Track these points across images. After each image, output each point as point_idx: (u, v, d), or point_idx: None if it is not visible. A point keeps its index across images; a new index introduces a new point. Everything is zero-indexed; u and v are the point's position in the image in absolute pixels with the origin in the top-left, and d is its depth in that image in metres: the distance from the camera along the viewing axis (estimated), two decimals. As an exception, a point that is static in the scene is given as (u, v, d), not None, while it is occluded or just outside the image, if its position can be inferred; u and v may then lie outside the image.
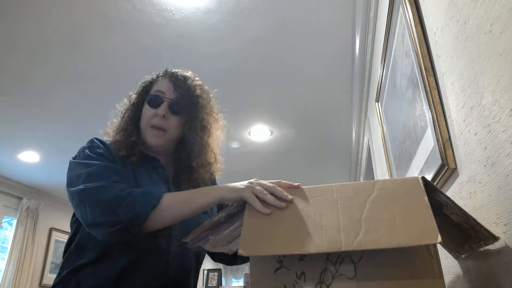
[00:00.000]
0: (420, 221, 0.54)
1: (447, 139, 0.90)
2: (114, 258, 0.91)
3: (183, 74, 1.09)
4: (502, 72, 0.59)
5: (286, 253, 0.59)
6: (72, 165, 0.95)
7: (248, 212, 0.69)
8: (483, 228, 0.62)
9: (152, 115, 1.03)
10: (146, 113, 1.05)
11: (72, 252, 0.95)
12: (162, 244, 0.96)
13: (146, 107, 1.05)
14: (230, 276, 11.95)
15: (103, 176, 0.88)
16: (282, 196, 0.69)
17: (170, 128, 1.04)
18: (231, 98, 3.04)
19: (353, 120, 3.29)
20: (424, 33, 1.05)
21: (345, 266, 0.59)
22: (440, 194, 0.61)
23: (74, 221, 0.99)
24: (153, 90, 1.07)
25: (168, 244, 0.97)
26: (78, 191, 0.86)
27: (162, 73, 1.11)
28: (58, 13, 2.16)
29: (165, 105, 1.03)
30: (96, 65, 2.61)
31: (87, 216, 0.85)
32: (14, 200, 4.83)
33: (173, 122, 1.04)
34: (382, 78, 1.74)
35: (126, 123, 1.06)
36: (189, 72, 1.12)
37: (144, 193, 0.85)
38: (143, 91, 1.10)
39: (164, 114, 1.02)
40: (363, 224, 0.57)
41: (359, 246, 0.54)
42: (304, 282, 0.60)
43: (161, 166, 1.06)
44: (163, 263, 0.96)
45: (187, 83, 1.06)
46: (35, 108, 3.11)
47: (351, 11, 2.17)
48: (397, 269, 0.57)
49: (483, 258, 0.72)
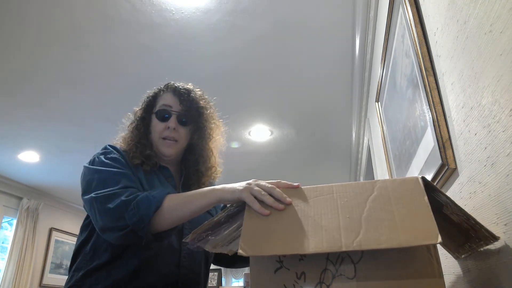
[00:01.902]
0: (420, 221, 0.54)
1: (447, 139, 0.90)
2: (128, 258, 0.96)
3: (185, 87, 1.17)
4: (502, 72, 0.59)
5: (286, 253, 0.59)
6: (86, 171, 1.01)
7: (248, 213, 0.69)
8: (483, 228, 0.62)
9: (162, 128, 1.11)
10: (156, 127, 1.12)
11: (87, 254, 0.99)
12: (173, 243, 1.02)
13: (156, 121, 1.13)
14: (230, 276, 11.95)
15: (113, 182, 0.94)
16: (280, 198, 0.70)
17: (180, 138, 1.12)
18: (231, 98, 3.04)
19: (353, 120, 3.29)
20: (424, 33, 1.05)
21: (345, 266, 0.59)
22: (440, 194, 0.61)
23: (87, 224, 1.04)
24: (159, 105, 1.15)
25: (179, 243, 1.03)
26: (90, 199, 0.93)
27: (164, 87, 1.19)
28: (58, 13, 2.16)
29: (174, 118, 1.11)
30: (96, 65, 2.61)
31: (97, 222, 0.91)
32: (14, 200, 4.83)
33: (182, 132, 1.13)
34: (382, 78, 1.74)
35: (137, 136, 1.12)
36: (189, 84, 1.20)
37: (147, 196, 0.89)
38: (149, 106, 1.17)
39: (175, 126, 1.10)
40: (363, 224, 0.57)
41: (359, 246, 0.54)
42: (304, 282, 0.60)
43: (170, 175, 1.14)
44: (174, 261, 1.01)
45: (191, 95, 1.14)
46: (35, 108, 3.11)
47: (351, 11, 2.17)
48: (397, 269, 0.57)
49: (483, 258, 0.72)
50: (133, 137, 1.13)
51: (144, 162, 1.07)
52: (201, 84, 1.24)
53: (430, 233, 0.52)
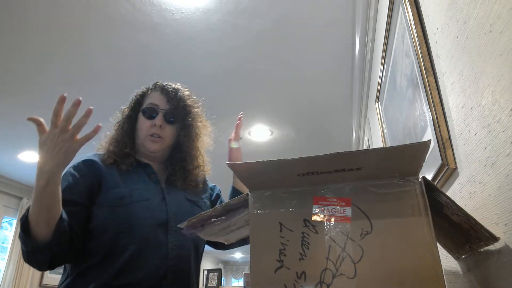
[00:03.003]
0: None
1: (447, 139, 0.90)
2: (116, 256, 0.97)
3: (173, 87, 1.18)
4: (502, 72, 0.59)
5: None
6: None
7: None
8: (483, 229, 0.62)
9: (149, 126, 1.12)
10: (143, 124, 1.14)
11: (78, 255, 1.00)
12: (159, 236, 1.02)
13: (142, 119, 1.14)
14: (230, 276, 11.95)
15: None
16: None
17: (166, 136, 1.14)
18: (231, 98, 3.04)
19: (353, 120, 3.29)
20: (424, 33, 1.05)
21: (345, 265, 0.59)
22: (440, 194, 0.61)
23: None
24: (146, 103, 1.16)
25: (165, 235, 1.03)
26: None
27: (152, 86, 1.20)
28: (59, 14, 2.16)
29: (160, 116, 1.13)
30: (96, 65, 2.61)
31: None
32: (14, 200, 4.83)
33: (168, 130, 1.14)
34: (382, 78, 1.74)
35: (120, 135, 1.14)
36: (178, 84, 1.21)
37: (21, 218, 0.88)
38: (136, 104, 1.19)
39: (161, 124, 1.12)
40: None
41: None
42: (304, 281, 0.60)
43: (153, 172, 1.14)
44: (162, 254, 1.01)
45: (178, 94, 1.16)
46: (35, 108, 3.11)
47: (351, 11, 2.17)
48: (397, 269, 0.57)
49: (483, 258, 0.72)
50: (115, 136, 1.15)
51: (119, 161, 1.08)
52: (201, 84, 1.25)
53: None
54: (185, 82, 1.27)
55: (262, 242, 0.65)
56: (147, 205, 1.04)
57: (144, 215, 1.02)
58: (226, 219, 0.78)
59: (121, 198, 1.01)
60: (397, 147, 0.59)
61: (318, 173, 0.63)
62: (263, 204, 0.68)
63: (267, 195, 0.69)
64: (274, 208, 0.67)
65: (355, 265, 0.59)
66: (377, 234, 0.59)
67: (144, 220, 1.01)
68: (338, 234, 0.61)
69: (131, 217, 1.00)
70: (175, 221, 1.04)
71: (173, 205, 1.09)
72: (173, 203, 1.09)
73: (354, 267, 0.58)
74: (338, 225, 0.62)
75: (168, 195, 1.10)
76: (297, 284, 0.60)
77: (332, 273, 0.59)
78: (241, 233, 0.85)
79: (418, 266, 0.56)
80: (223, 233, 0.83)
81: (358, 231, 0.60)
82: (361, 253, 0.59)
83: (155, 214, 1.04)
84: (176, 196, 1.12)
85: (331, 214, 0.63)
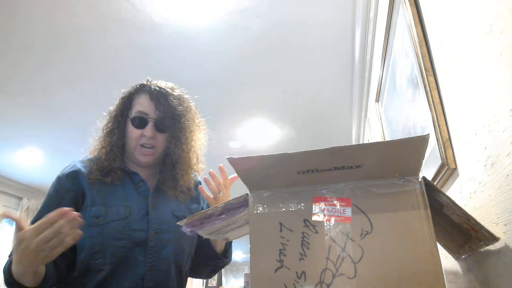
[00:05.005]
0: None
1: (447, 139, 0.90)
2: (92, 274, 0.97)
3: (162, 91, 1.11)
4: (502, 72, 0.59)
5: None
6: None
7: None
8: (484, 229, 0.62)
9: (139, 135, 1.08)
10: (132, 133, 1.09)
11: (60, 268, 1.00)
12: (137, 255, 1.00)
13: (131, 128, 1.09)
14: (230, 276, 11.95)
15: (37, 218, 0.93)
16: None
17: (158, 144, 1.10)
18: (231, 98, 3.04)
19: (353, 120, 3.29)
20: (424, 33, 1.05)
21: (345, 265, 0.59)
22: (440, 194, 0.61)
23: None
24: (135, 110, 1.10)
25: (143, 256, 1.01)
26: None
27: (139, 86, 1.15)
28: (59, 14, 2.16)
29: (150, 126, 1.08)
30: (96, 65, 2.61)
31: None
32: (14, 200, 4.83)
33: (159, 139, 1.10)
34: (382, 78, 1.74)
35: (109, 144, 1.10)
36: (167, 85, 1.15)
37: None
38: (124, 108, 1.13)
39: (152, 135, 1.08)
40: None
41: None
42: (304, 281, 0.60)
43: (141, 180, 1.10)
44: (139, 275, 0.99)
45: (168, 100, 1.10)
46: (35, 108, 3.11)
47: (351, 11, 2.17)
48: (397, 269, 0.57)
49: (483, 258, 0.72)
50: (104, 144, 1.11)
51: (103, 176, 1.05)
52: (201, 84, 1.24)
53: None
54: (185, 82, 1.26)
55: (262, 242, 0.65)
56: (124, 224, 1.00)
57: (119, 236, 0.99)
58: (226, 217, 0.78)
59: (96, 217, 0.99)
60: (396, 140, 0.58)
61: (318, 170, 0.63)
62: (263, 204, 0.68)
63: (267, 195, 0.68)
64: (274, 208, 0.67)
65: (355, 265, 0.59)
66: (377, 234, 0.59)
67: (119, 241, 0.98)
68: (338, 234, 0.61)
69: (105, 238, 0.98)
70: (155, 240, 1.02)
71: (156, 222, 1.04)
72: (156, 219, 1.05)
73: (354, 267, 0.58)
74: (338, 225, 0.62)
75: (153, 210, 1.06)
76: (297, 284, 0.60)
77: (332, 273, 0.59)
78: (241, 232, 0.85)
79: (418, 266, 0.56)
80: (223, 232, 0.83)
81: (358, 231, 0.60)
82: (361, 253, 0.59)
83: (132, 234, 1.00)
84: (162, 211, 1.08)
85: (331, 214, 0.63)
